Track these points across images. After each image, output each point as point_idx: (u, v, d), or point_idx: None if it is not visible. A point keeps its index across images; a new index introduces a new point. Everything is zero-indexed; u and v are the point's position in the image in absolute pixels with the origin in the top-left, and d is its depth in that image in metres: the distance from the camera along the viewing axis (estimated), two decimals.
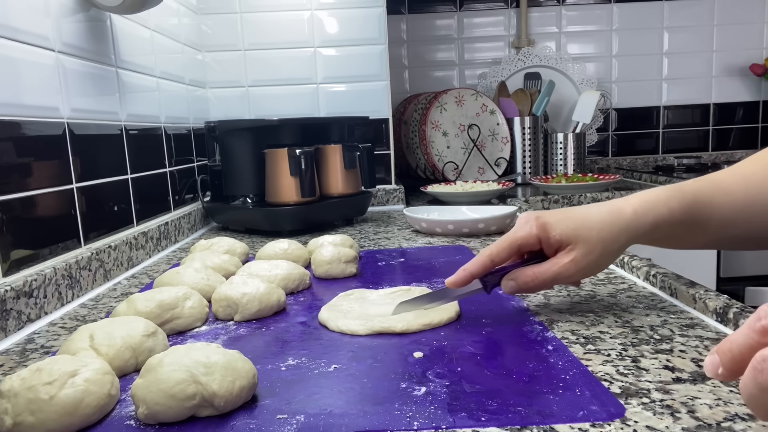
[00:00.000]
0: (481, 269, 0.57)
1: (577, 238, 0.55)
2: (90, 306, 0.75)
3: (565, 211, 0.57)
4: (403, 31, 2.11)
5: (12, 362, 0.57)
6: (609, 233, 0.55)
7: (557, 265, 0.55)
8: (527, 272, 0.56)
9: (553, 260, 0.56)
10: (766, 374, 0.29)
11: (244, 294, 0.64)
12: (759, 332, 0.30)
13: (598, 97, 1.88)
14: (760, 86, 2.16)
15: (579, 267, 0.55)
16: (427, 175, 1.78)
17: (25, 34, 0.73)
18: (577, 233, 0.55)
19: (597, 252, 0.55)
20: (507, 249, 0.57)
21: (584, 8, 2.11)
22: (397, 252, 0.97)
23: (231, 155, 1.24)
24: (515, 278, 0.57)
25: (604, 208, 0.56)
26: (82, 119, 0.85)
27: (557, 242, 0.55)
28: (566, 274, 0.55)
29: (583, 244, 0.54)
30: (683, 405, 0.41)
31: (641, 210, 0.55)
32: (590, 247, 0.54)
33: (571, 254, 0.55)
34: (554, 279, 0.55)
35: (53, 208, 0.77)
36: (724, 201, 0.56)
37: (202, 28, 1.48)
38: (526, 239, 0.56)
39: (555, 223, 0.56)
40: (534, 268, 0.56)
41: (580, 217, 0.56)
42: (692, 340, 0.53)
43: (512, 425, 0.39)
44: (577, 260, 0.55)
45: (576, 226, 0.55)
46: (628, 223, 0.55)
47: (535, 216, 0.57)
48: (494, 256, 0.57)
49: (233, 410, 0.43)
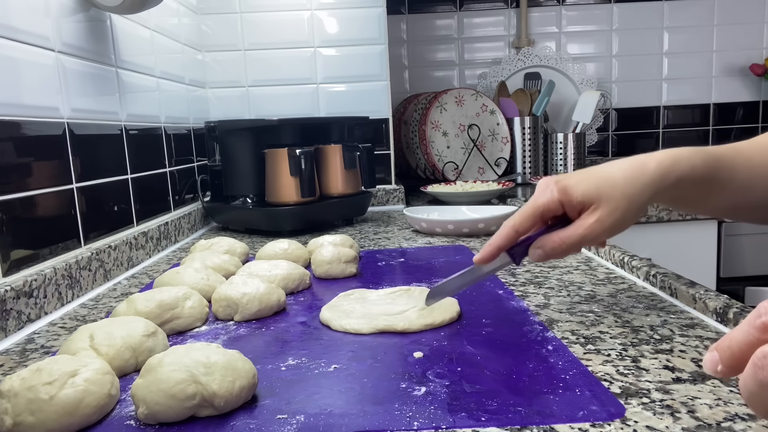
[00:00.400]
0: (507, 241, 0.56)
1: (600, 197, 0.53)
2: (90, 306, 0.75)
3: (584, 171, 0.56)
4: (403, 31, 2.11)
5: (12, 362, 0.57)
6: (632, 189, 0.53)
7: (582, 227, 0.53)
8: (553, 238, 0.54)
9: (578, 222, 0.54)
10: (766, 371, 0.29)
11: (244, 294, 0.64)
12: (759, 329, 0.30)
13: (598, 97, 1.88)
14: (760, 86, 2.16)
15: (605, 226, 0.53)
16: (427, 175, 1.78)
17: (25, 34, 0.73)
18: (600, 192, 0.53)
19: (622, 209, 0.53)
20: (530, 217, 0.55)
21: (584, 8, 2.11)
22: (397, 252, 0.97)
23: (231, 155, 1.24)
24: (542, 246, 0.55)
25: (626, 164, 0.55)
26: (82, 119, 0.85)
27: (580, 204, 0.54)
28: (593, 235, 0.53)
29: (607, 203, 0.53)
30: (683, 405, 0.41)
31: (665, 164, 0.53)
32: (614, 204, 0.53)
33: (595, 214, 0.53)
34: (581, 241, 0.54)
35: (53, 208, 0.77)
36: (744, 165, 0.56)
37: (202, 28, 1.48)
38: (548, 204, 0.54)
39: (576, 184, 0.54)
40: (560, 233, 0.54)
41: (600, 176, 0.54)
42: (692, 340, 0.53)
43: (512, 425, 0.39)
44: (602, 219, 0.53)
45: (597, 185, 0.53)
46: (652, 178, 0.53)
47: (554, 180, 0.55)
48: (518, 226, 0.55)
49: (233, 410, 0.43)
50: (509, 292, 0.70)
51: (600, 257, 0.87)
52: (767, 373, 0.29)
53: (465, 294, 0.70)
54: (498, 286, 0.73)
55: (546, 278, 0.77)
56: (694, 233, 1.63)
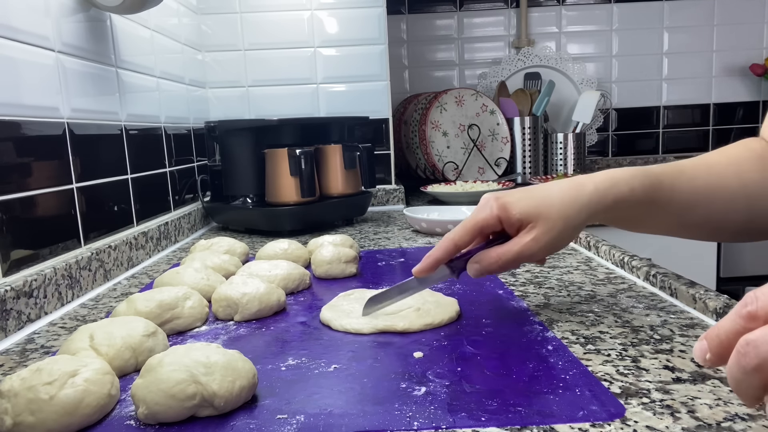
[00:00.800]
0: (446, 255, 0.57)
1: (537, 216, 0.54)
2: (90, 306, 0.75)
3: (526, 189, 0.57)
4: (403, 31, 2.11)
5: (12, 362, 0.57)
6: (569, 209, 0.54)
7: (519, 244, 0.55)
8: (491, 254, 0.55)
9: (515, 240, 0.55)
10: (749, 357, 0.29)
11: (244, 294, 0.64)
12: (745, 318, 0.31)
13: (598, 97, 1.88)
14: (760, 86, 2.16)
15: (540, 245, 0.54)
16: (427, 175, 1.78)
17: (25, 34, 0.73)
18: (538, 211, 0.54)
19: (558, 229, 0.54)
20: (470, 232, 0.56)
21: (584, 8, 2.11)
22: (397, 252, 0.97)
23: (231, 155, 1.24)
24: (479, 261, 0.56)
25: (566, 185, 0.56)
26: (82, 119, 0.85)
27: (518, 221, 0.55)
28: (529, 252, 0.55)
29: (544, 222, 0.54)
30: (683, 405, 0.41)
31: (603, 187, 0.55)
32: (551, 224, 0.54)
33: (532, 233, 0.54)
34: (517, 258, 0.55)
35: (53, 208, 0.77)
36: (686, 186, 0.57)
37: (202, 28, 1.48)
38: (487, 220, 0.56)
39: (515, 202, 0.55)
40: (497, 249, 0.55)
41: (540, 195, 0.56)
42: (692, 340, 0.53)
43: (512, 425, 0.39)
44: (538, 238, 0.54)
45: (536, 204, 0.55)
46: (589, 199, 0.54)
47: (495, 197, 0.56)
48: (457, 240, 0.57)
49: (233, 410, 0.43)
50: (509, 292, 0.70)
51: (600, 257, 0.87)
52: (750, 359, 0.29)
53: (465, 294, 0.70)
54: (498, 286, 0.73)
55: (546, 278, 0.77)
56: None
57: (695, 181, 0.58)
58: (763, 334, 0.29)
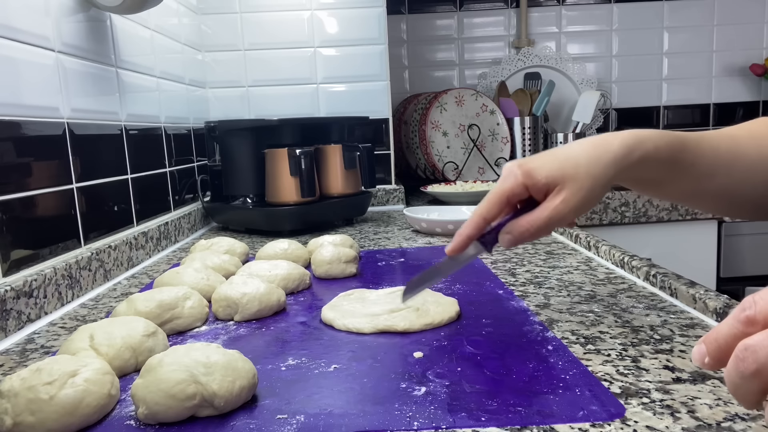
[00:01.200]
0: (476, 230, 0.55)
1: (564, 178, 0.53)
2: (90, 306, 0.75)
3: (548, 153, 0.56)
4: (403, 31, 2.11)
5: (12, 362, 0.57)
6: (596, 168, 0.53)
7: (549, 209, 0.53)
8: (521, 223, 0.54)
9: (544, 205, 0.53)
10: (747, 362, 0.29)
11: (244, 294, 0.64)
12: (743, 322, 0.31)
13: (598, 97, 1.87)
14: (760, 86, 2.16)
15: (571, 206, 0.52)
16: (427, 175, 1.78)
17: (25, 34, 0.73)
18: (564, 172, 0.53)
19: (586, 188, 0.52)
20: (497, 204, 0.55)
21: (584, 8, 2.11)
22: (397, 252, 0.97)
23: (231, 155, 1.24)
24: (510, 231, 0.54)
25: (589, 143, 0.54)
26: (82, 119, 0.85)
27: (545, 186, 0.53)
28: (559, 216, 0.53)
29: (572, 183, 0.52)
30: (683, 405, 0.41)
31: (629, 143, 0.53)
32: (579, 184, 0.52)
33: (560, 195, 0.52)
34: (549, 223, 0.53)
35: (53, 208, 0.77)
36: (708, 151, 0.57)
37: (202, 28, 1.48)
38: (513, 189, 0.54)
39: (539, 167, 0.54)
40: (527, 217, 0.54)
41: (564, 156, 0.54)
42: (692, 340, 0.53)
43: (512, 425, 0.39)
44: (567, 200, 0.52)
45: (561, 165, 0.53)
46: (615, 156, 0.53)
47: (518, 164, 0.55)
48: (486, 213, 0.55)
49: (233, 410, 0.43)
50: (509, 292, 0.70)
51: (600, 257, 0.87)
52: (748, 364, 0.29)
53: (465, 294, 0.70)
54: (498, 286, 0.73)
55: (546, 278, 0.77)
56: (694, 233, 1.63)
57: (717, 148, 0.57)
58: (761, 339, 0.29)
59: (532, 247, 0.96)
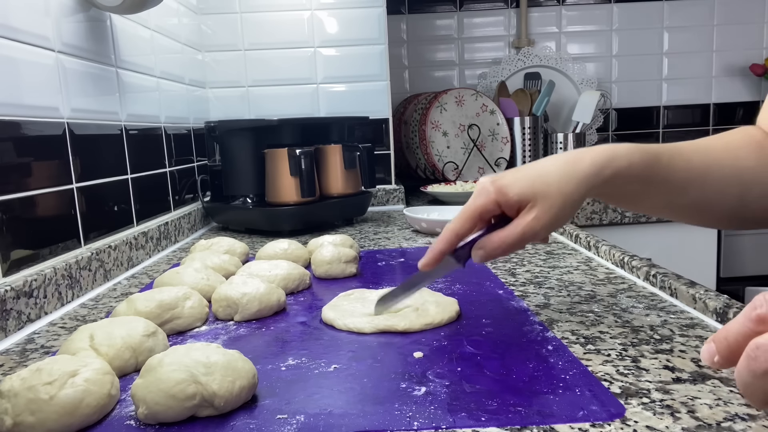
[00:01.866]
0: (448, 246, 0.56)
1: (535, 195, 0.53)
2: (90, 306, 0.75)
3: (521, 169, 0.56)
4: (403, 31, 2.11)
5: (12, 362, 0.57)
6: (567, 185, 0.53)
7: (520, 225, 0.53)
8: (493, 239, 0.54)
9: (516, 222, 0.54)
10: (759, 361, 0.29)
11: (244, 294, 0.64)
12: (754, 321, 0.31)
13: (598, 97, 1.87)
14: (760, 86, 2.16)
15: (542, 223, 0.53)
16: (427, 175, 1.78)
17: (25, 34, 0.73)
18: (535, 189, 0.53)
19: (558, 205, 0.53)
20: (469, 219, 0.55)
21: (584, 8, 2.11)
22: (397, 252, 0.97)
23: (231, 155, 1.24)
24: (483, 247, 0.55)
25: (562, 159, 0.55)
26: (82, 119, 0.85)
27: (517, 203, 0.54)
28: (531, 232, 0.53)
29: (543, 200, 0.53)
30: (683, 405, 0.41)
31: (600, 160, 0.54)
32: (550, 201, 0.53)
33: (532, 212, 0.53)
34: (521, 240, 0.54)
35: (53, 208, 0.77)
36: (682, 165, 0.57)
37: (202, 28, 1.48)
38: (486, 206, 0.54)
39: (511, 183, 0.54)
40: (499, 233, 0.54)
41: (536, 173, 0.54)
42: (692, 340, 0.53)
43: (512, 425, 0.39)
44: (539, 217, 0.53)
45: (532, 183, 0.54)
46: (586, 173, 0.53)
47: (491, 180, 0.55)
48: (458, 229, 0.55)
49: (233, 410, 0.43)
50: (509, 292, 0.70)
51: (600, 257, 0.87)
52: (760, 363, 0.29)
53: (465, 294, 0.70)
54: (498, 286, 0.73)
55: (546, 278, 0.77)
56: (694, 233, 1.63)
57: (691, 162, 0.58)
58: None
59: (532, 247, 0.96)
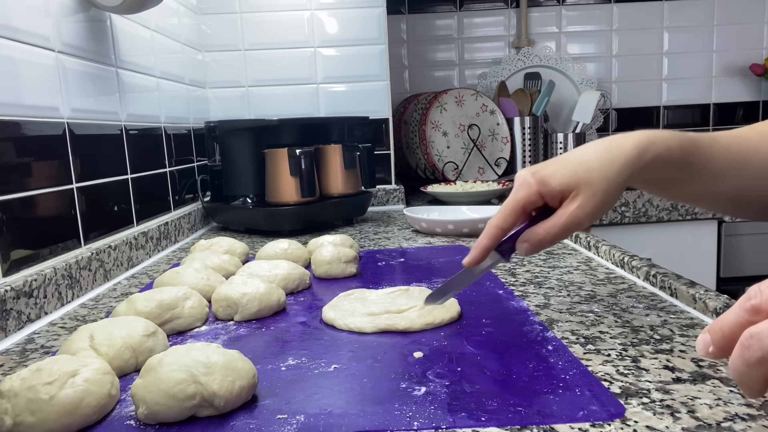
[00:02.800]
0: (493, 241, 0.56)
1: (578, 183, 0.53)
2: (90, 306, 0.75)
3: (561, 158, 0.56)
4: (403, 31, 2.11)
5: (12, 362, 0.57)
6: (609, 170, 0.53)
7: (565, 215, 0.53)
8: (538, 230, 0.54)
9: (560, 211, 0.53)
10: (752, 350, 0.30)
11: (244, 294, 0.64)
12: (749, 311, 0.31)
13: (598, 97, 1.88)
14: (760, 86, 2.16)
15: (587, 211, 0.52)
16: (427, 175, 1.78)
17: (25, 34, 0.73)
18: (578, 178, 0.53)
19: (602, 191, 0.52)
20: (512, 214, 0.55)
21: (584, 8, 2.11)
22: (397, 252, 0.97)
23: (231, 155, 1.24)
24: (528, 239, 0.54)
25: (602, 146, 0.54)
26: (82, 119, 0.85)
27: (560, 193, 0.53)
28: (576, 221, 0.53)
29: (586, 188, 0.52)
30: (683, 405, 0.41)
31: (641, 144, 0.53)
32: (594, 188, 0.52)
33: (576, 201, 0.52)
34: (565, 229, 0.53)
35: (53, 208, 0.77)
36: (720, 153, 0.57)
37: (202, 28, 1.48)
38: (528, 198, 0.54)
39: (553, 174, 0.54)
40: (544, 224, 0.54)
41: (577, 161, 0.54)
42: (692, 340, 0.53)
43: (512, 425, 0.39)
44: (583, 205, 0.52)
45: (574, 171, 0.53)
46: (627, 158, 0.53)
47: (531, 172, 0.55)
48: (501, 224, 0.55)
49: (233, 410, 0.43)
50: (509, 292, 0.70)
51: (600, 257, 0.87)
52: (753, 352, 0.30)
53: (465, 294, 0.70)
54: (498, 286, 0.73)
55: (546, 278, 0.77)
56: (694, 233, 1.63)
57: (730, 149, 0.57)
58: (767, 327, 0.29)
59: None
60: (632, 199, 1.59)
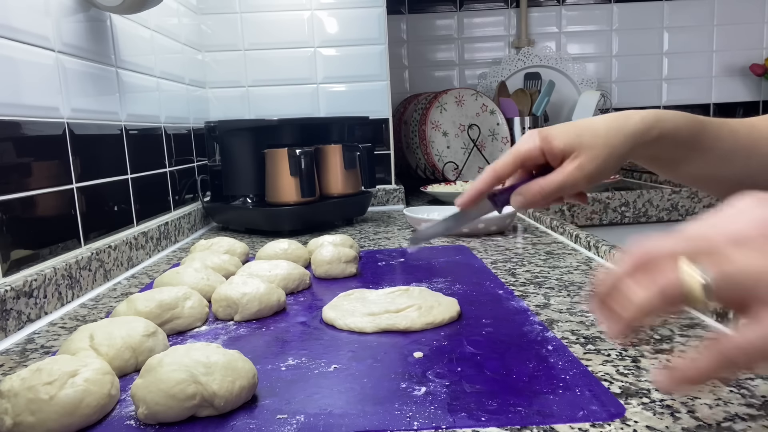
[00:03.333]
0: (487, 185, 0.56)
1: (581, 145, 0.53)
2: (90, 306, 0.75)
3: (570, 123, 0.56)
4: (403, 31, 2.11)
5: (12, 362, 0.57)
6: (615, 138, 0.53)
7: (562, 173, 0.53)
8: (533, 186, 0.54)
9: (558, 169, 0.54)
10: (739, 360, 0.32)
11: (244, 294, 0.64)
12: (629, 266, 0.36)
13: (598, 97, 1.87)
14: (760, 86, 2.16)
15: (585, 173, 0.53)
16: (427, 175, 1.78)
17: (25, 34, 0.73)
18: (581, 140, 0.53)
19: (603, 156, 0.53)
20: (511, 162, 0.55)
21: (584, 8, 2.11)
22: (397, 252, 0.97)
23: (231, 155, 1.24)
24: (522, 193, 0.55)
25: (610, 116, 0.55)
26: (82, 119, 0.85)
27: (561, 152, 0.54)
28: (572, 181, 0.53)
29: (588, 150, 0.53)
30: (683, 405, 0.41)
31: (649, 119, 0.54)
32: (596, 152, 0.53)
33: (576, 161, 0.53)
34: (561, 187, 0.53)
35: (53, 208, 0.77)
36: (728, 136, 0.57)
37: (202, 28, 1.48)
38: (530, 152, 0.54)
39: (558, 133, 0.54)
40: (539, 181, 0.54)
41: (584, 125, 0.55)
42: (692, 340, 0.53)
43: (512, 425, 0.39)
44: (582, 166, 0.53)
45: (580, 133, 0.54)
46: (635, 129, 0.53)
47: (538, 130, 0.56)
48: (498, 169, 0.55)
49: (233, 410, 0.43)
50: (509, 292, 0.70)
51: (600, 257, 0.87)
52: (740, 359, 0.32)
53: (465, 294, 0.70)
54: (498, 286, 0.73)
55: (546, 278, 0.77)
56: None
57: (738, 134, 0.58)
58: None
59: (532, 247, 0.96)
60: (632, 199, 1.59)
